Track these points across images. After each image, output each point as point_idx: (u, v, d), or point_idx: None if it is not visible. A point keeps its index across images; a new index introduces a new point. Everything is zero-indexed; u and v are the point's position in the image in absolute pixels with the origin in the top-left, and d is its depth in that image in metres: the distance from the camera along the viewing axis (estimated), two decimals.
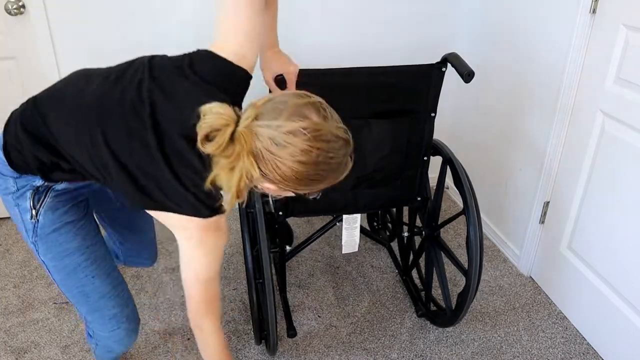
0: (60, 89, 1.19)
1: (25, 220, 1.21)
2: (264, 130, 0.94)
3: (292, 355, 1.75)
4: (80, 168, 1.13)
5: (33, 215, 1.20)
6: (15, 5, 2.00)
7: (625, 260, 1.62)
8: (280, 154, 0.94)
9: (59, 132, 1.12)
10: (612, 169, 1.64)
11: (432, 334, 1.84)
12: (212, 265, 1.14)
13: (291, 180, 0.97)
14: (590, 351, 1.77)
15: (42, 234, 1.21)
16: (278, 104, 0.96)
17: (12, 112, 1.21)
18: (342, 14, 2.28)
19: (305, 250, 2.26)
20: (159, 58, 1.13)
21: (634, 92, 1.52)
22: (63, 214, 1.22)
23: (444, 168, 1.69)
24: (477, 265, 1.55)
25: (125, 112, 1.06)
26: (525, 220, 2.09)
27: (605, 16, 1.60)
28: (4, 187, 1.20)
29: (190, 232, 1.08)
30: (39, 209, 1.20)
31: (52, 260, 1.23)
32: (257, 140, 0.94)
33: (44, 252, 1.22)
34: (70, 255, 1.23)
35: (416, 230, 1.88)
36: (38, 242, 1.22)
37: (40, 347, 1.76)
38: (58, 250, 1.22)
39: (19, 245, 2.28)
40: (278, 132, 0.93)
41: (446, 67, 1.51)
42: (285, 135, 0.93)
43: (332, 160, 0.98)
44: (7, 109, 1.24)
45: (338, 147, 0.98)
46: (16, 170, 1.18)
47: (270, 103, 0.97)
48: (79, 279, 1.25)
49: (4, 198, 1.22)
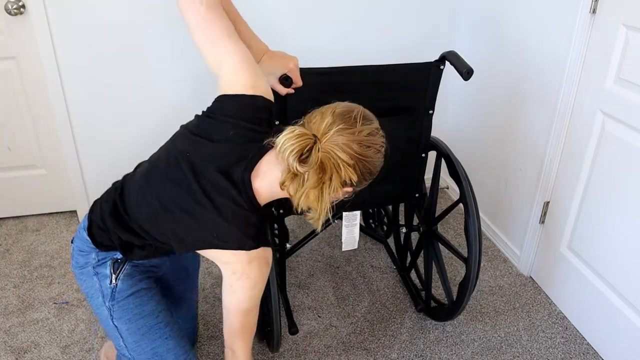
0: (134, 175, 1.29)
1: (103, 286, 1.28)
2: (343, 137, 1.03)
3: (292, 355, 1.75)
4: (149, 238, 1.22)
5: (112, 280, 1.28)
6: (15, 5, 2.00)
7: (625, 260, 1.62)
8: (368, 153, 1.05)
9: (134, 212, 1.22)
10: (612, 169, 1.64)
11: (432, 334, 1.84)
12: (255, 298, 1.17)
13: (366, 174, 1.08)
14: (590, 351, 1.77)
15: (119, 298, 1.28)
16: (345, 112, 1.07)
17: (96, 200, 1.33)
18: (342, 15, 2.28)
19: (305, 250, 2.26)
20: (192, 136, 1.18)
21: (634, 92, 1.52)
22: (139, 281, 1.32)
23: (439, 162, 1.70)
24: (477, 250, 1.56)
25: (169, 168, 1.16)
26: (525, 220, 2.09)
27: (605, 16, 1.60)
28: (84, 262, 1.30)
29: (234, 267, 1.12)
30: (118, 275, 1.29)
31: (128, 322, 1.29)
32: (340, 152, 1.03)
33: (119, 315, 1.29)
34: (145, 317, 1.30)
35: (414, 227, 1.88)
36: (114, 306, 1.29)
37: (40, 347, 1.76)
38: (134, 312, 1.29)
39: (19, 245, 2.29)
40: (360, 137, 1.04)
41: (444, 65, 1.52)
42: (368, 137, 1.05)
43: (383, 150, 1.11)
44: (7, 109, 1.24)
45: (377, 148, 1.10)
46: (99, 248, 1.28)
47: (340, 114, 1.06)
48: (152, 340, 1.30)
49: (82, 272, 1.31)
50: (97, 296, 1.29)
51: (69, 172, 2.34)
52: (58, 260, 2.19)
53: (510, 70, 2.09)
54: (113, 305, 1.29)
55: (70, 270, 2.13)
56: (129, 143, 2.32)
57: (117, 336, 1.31)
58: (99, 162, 2.35)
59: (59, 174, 2.40)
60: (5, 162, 2.33)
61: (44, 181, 2.41)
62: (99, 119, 2.26)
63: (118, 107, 2.25)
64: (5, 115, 2.23)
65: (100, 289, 1.28)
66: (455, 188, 1.71)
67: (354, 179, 1.04)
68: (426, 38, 2.41)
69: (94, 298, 1.30)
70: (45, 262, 2.18)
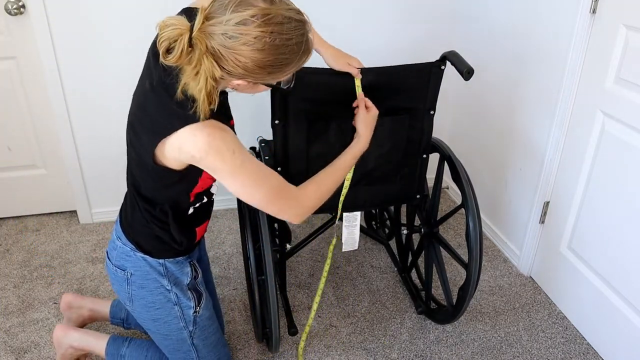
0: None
1: (186, 315, 1.39)
2: (215, 27, 0.96)
3: (292, 355, 1.75)
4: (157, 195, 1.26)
5: (196, 310, 1.40)
6: (15, 5, 2.00)
7: (625, 260, 1.62)
8: (236, 46, 0.96)
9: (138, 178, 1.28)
10: (612, 169, 1.64)
11: (432, 334, 1.84)
12: (255, 174, 1.15)
13: (255, 71, 1.00)
14: (590, 351, 1.77)
15: (200, 322, 1.41)
16: (224, 0, 0.98)
17: (122, 224, 1.38)
18: (342, 15, 2.28)
19: (305, 250, 2.26)
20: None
21: (634, 92, 1.52)
22: (207, 300, 1.45)
23: (442, 165, 1.69)
24: (478, 256, 1.56)
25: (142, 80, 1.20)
26: (525, 220, 2.09)
27: (605, 16, 1.60)
28: (154, 286, 1.35)
29: (199, 154, 1.08)
30: (200, 304, 1.41)
31: (205, 339, 1.45)
32: (211, 40, 0.97)
33: (198, 335, 1.43)
34: (216, 332, 1.48)
35: (415, 228, 1.88)
36: (196, 331, 1.42)
37: (40, 347, 1.76)
38: (209, 331, 1.45)
39: (19, 245, 2.29)
40: (228, 26, 0.96)
41: (445, 65, 1.51)
42: (236, 27, 0.95)
43: (290, 41, 0.99)
44: (7, 109, 1.24)
45: (293, 28, 0.99)
46: (159, 257, 1.34)
47: (216, 2, 0.99)
48: (219, 349, 1.49)
49: (153, 301, 1.37)
50: (175, 322, 1.39)
51: (69, 172, 2.34)
52: (58, 260, 2.19)
53: (510, 70, 2.09)
54: (195, 330, 1.41)
55: (70, 270, 2.13)
56: None
57: (189, 351, 1.43)
58: (99, 162, 2.35)
59: (59, 174, 2.40)
60: (5, 162, 2.33)
61: (44, 181, 2.41)
62: (99, 119, 2.26)
63: (118, 108, 2.25)
64: (5, 115, 2.23)
65: (182, 317, 1.38)
66: (456, 188, 1.71)
67: (217, 74, 0.99)
68: (426, 38, 2.41)
69: (169, 323, 1.38)
70: (45, 262, 2.18)
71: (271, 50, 0.97)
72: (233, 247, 2.29)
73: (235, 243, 2.32)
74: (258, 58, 0.97)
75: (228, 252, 2.26)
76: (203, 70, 0.99)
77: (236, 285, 2.07)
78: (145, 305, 1.36)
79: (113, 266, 1.36)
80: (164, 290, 1.35)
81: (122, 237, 1.34)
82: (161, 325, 1.39)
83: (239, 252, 2.26)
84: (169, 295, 1.36)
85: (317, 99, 1.46)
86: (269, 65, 0.99)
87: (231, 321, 1.89)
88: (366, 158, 1.57)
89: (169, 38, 0.98)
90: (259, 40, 0.96)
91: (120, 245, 1.34)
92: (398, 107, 1.55)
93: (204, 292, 1.45)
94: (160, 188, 1.23)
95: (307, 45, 1.03)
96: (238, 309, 1.95)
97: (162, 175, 1.17)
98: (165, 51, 0.99)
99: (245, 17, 0.95)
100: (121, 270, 1.34)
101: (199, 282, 1.45)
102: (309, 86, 1.44)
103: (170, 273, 1.36)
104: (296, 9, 1.01)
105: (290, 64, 1.02)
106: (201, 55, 0.98)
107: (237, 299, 1.99)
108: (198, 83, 1.00)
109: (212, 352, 1.48)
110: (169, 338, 1.42)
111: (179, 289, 1.37)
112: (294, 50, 1.00)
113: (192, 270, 1.41)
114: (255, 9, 0.95)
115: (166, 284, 1.35)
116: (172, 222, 1.29)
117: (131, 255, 1.32)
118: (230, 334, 1.83)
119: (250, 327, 1.86)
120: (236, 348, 1.77)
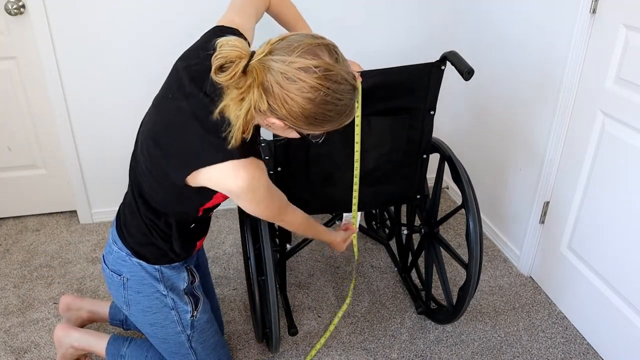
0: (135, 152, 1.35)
1: (183, 319, 1.39)
2: (277, 64, 0.98)
3: (292, 355, 1.75)
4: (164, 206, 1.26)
5: (194, 314, 1.41)
6: (15, 5, 2.00)
7: (625, 260, 1.62)
8: (290, 88, 0.98)
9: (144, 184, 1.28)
10: (612, 169, 1.64)
11: (432, 334, 1.84)
12: (270, 200, 1.21)
13: (298, 117, 1.01)
14: (590, 351, 1.77)
15: (198, 326, 1.42)
16: (293, 42, 1.00)
17: (118, 226, 1.38)
18: (343, 15, 2.28)
19: (305, 250, 2.26)
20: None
21: (634, 92, 1.52)
22: (205, 303, 1.46)
23: (442, 165, 1.69)
24: (478, 256, 1.56)
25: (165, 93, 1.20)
26: (525, 220, 2.09)
27: (605, 16, 1.60)
28: (150, 291, 1.35)
29: (229, 187, 1.12)
30: (197, 307, 1.42)
31: (203, 342, 1.45)
32: (268, 74, 0.98)
33: (196, 338, 1.43)
34: (215, 334, 1.48)
35: (415, 228, 1.88)
36: (194, 334, 1.42)
37: (40, 347, 1.76)
38: (208, 334, 1.45)
39: (19, 245, 2.29)
40: (290, 67, 0.97)
41: (445, 65, 1.51)
42: (297, 71, 0.97)
43: (340, 102, 1.01)
44: (7, 109, 1.25)
45: (346, 90, 1.02)
46: (155, 263, 1.33)
47: (284, 41, 1.01)
48: (218, 350, 1.50)
49: (150, 305, 1.36)
50: (172, 326, 1.38)
51: (69, 172, 2.34)
52: (58, 260, 2.19)
53: (510, 70, 2.09)
54: (193, 334, 1.42)
55: (70, 270, 2.13)
56: (130, 143, 2.30)
57: (188, 354, 1.44)
58: (99, 162, 2.35)
59: (59, 174, 2.40)
60: (5, 162, 2.33)
61: (44, 181, 2.41)
62: (99, 119, 2.26)
63: (118, 107, 2.25)
64: (5, 115, 2.23)
65: (180, 322, 1.39)
66: (456, 188, 1.71)
67: (263, 107, 1.01)
68: (427, 38, 2.41)
69: (167, 327, 1.38)
70: (45, 262, 2.18)
71: (320, 104, 1.00)
72: (233, 247, 2.29)
73: (235, 243, 2.32)
74: (306, 107, 0.99)
75: (228, 252, 2.26)
76: (249, 99, 1.00)
77: (236, 285, 2.07)
78: (142, 310, 1.36)
79: (109, 271, 1.35)
80: (160, 295, 1.35)
81: (117, 242, 1.33)
82: (158, 329, 1.39)
83: (239, 252, 2.26)
84: (165, 300, 1.35)
85: None
86: (312, 116, 1.01)
87: (231, 321, 1.89)
88: (366, 158, 1.57)
89: (227, 57, 0.99)
90: (314, 91, 0.98)
91: (116, 250, 1.33)
92: (398, 107, 1.54)
93: (201, 296, 1.45)
94: (172, 201, 1.23)
95: (351, 111, 1.06)
96: (238, 309, 1.95)
97: (178, 191, 1.17)
98: (218, 68, 1.01)
99: (308, 65, 0.97)
100: (117, 275, 1.34)
101: (196, 287, 1.44)
102: None
103: (167, 278, 1.35)
104: (352, 74, 1.05)
105: (331, 122, 1.05)
106: (252, 84, 0.99)
107: (237, 299, 1.99)
108: (240, 109, 1.01)
109: (211, 355, 1.48)
110: (166, 342, 1.42)
111: (175, 293, 1.37)
112: (340, 111, 1.03)
113: (188, 275, 1.41)
114: (320, 61, 0.98)
115: (162, 289, 1.34)
116: (175, 234, 1.30)
117: (127, 260, 1.32)
118: (230, 334, 1.83)
119: (250, 327, 1.86)
120: (236, 348, 1.77)
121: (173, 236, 1.30)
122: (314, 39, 1.01)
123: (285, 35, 1.03)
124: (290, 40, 1.00)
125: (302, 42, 0.99)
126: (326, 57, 0.99)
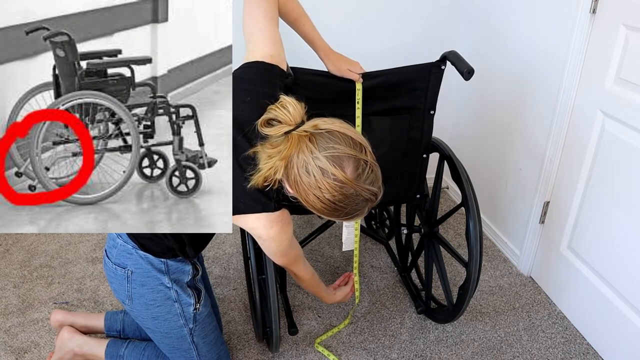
0: None
1: (186, 312, 1.40)
2: (306, 152, 1.05)
3: (292, 355, 1.75)
4: None
5: (196, 307, 1.42)
6: None
7: (625, 260, 1.62)
8: (305, 180, 1.05)
9: None
10: (612, 169, 1.64)
11: (432, 334, 1.84)
12: (287, 247, 1.28)
13: (303, 199, 1.10)
14: (590, 351, 1.77)
15: (200, 319, 1.43)
16: (332, 141, 1.05)
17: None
18: (343, 15, 2.28)
19: (305, 250, 2.26)
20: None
21: (634, 92, 1.52)
22: (206, 299, 1.47)
23: (442, 164, 1.70)
24: (478, 255, 1.56)
25: None
26: (525, 220, 2.09)
27: (605, 16, 1.60)
28: (154, 284, 1.36)
29: (259, 231, 1.22)
30: (200, 300, 1.43)
31: (205, 337, 1.46)
32: (296, 154, 1.06)
33: (198, 333, 1.44)
34: (215, 329, 1.50)
35: (415, 227, 1.88)
36: (196, 328, 1.43)
37: (40, 347, 1.76)
38: (209, 328, 1.47)
39: (19, 245, 2.29)
40: (312, 162, 1.04)
41: (445, 65, 1.51)
42: (316, 169, 1.04)
43: (344, 209, 1.09)
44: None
45: (355, 203, 1.09)
46: (160, 257, 1.34)
47: (329, 135, 1.06)
48: (217, 346, 1.51)
49: (154, 298, 1.37)
50: (175, 319, 1.39)
51: None
52: (58, 260, 2.20)
53: (510, 70, 2.09)
54: (194, 328, 1.43)
55: (70, 270, 2.13)
56: None
57: (189, 349, 1.44)
58: None
59: None
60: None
61: None
62: None
63: None
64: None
65: (182, 314, 1.40)
66: (456, 188, 1.71)
67: (278, 176, 1.08)
68: (427, 38, 2.41)
69: (170, 321, 1.39)
70: (45, 262, 2.18)
71: (326, 204, 1.08)
72: (233, 247, 2.29)
73: (235, 243, 2.32)
74: (313, 200, 1.08)
75: (228, 252, 2.26)
76: (273, 162, 1.08)
77: (236, 285, 2.07)
78: (145, 303, 1.36)
79: (112, 264, 1.36)
80: (164, 287, 1.35)
81: (122, 236, 1.34)
82: (161, 323, 1.39)
83: (239, 252, 2.26)
84: (169, 293, 1.36)
85: (317, 100, 1.46)
86: (316, 209, 1.10)
87: (231, 321, 1.89)
88: None
89: (277, 117, 1.09)
90: (324, 192, 1.05)
91: (121, 243, 1.34)
92: (398, 107, 1.55)
93: (203, 290, 1.46)
94: None
95: (356, 215, 1.12)
96: (238, 309, 1.95)
97: None
98: (266, 120, 1.10)
99: (328, 170, 1.04)
100: (121, 268, 1.34)
101: (198, 280, 1.46)
102: (309, 87, 1.44)
103: (172, 271, 1.36)
104: (373, 191, 1.10)
105: (333, 217, 1.12)
106: (283, 151, 1.07)
107: (237, 299, 1.99)
108: (265, 163, 1.09)
109: (212, 350, 1.48)
110: (169, 336, 1.42)
111: (179, 286, 1.38)
112: (343, 213, 1.10)
113: (192, 268, 1.42)
114: (340, 173, 1.04)
115: (166, 282, 1.35)
116: (188, 242, 1.34)
117: (132, 253, 1.33)
118: (230, 334, 1.83)
119: (250, 327, 1.86)
120: (236, 348, 1.77)
121: (187, 244, 1.34)
122: (352, 149, 1.06)
123: (335, 128, 1.08)
124: (332, 136, 1.06)
125: (337, 146, 1.04)
126: (348, 171, 1.05)
